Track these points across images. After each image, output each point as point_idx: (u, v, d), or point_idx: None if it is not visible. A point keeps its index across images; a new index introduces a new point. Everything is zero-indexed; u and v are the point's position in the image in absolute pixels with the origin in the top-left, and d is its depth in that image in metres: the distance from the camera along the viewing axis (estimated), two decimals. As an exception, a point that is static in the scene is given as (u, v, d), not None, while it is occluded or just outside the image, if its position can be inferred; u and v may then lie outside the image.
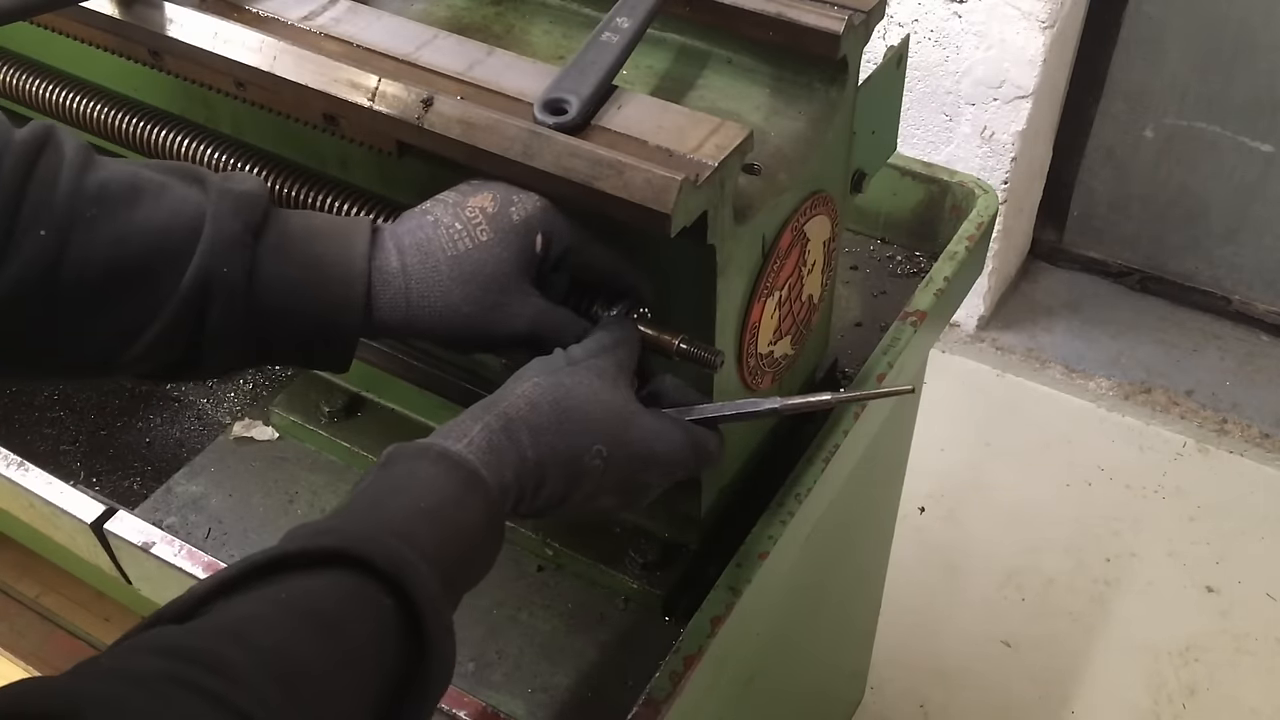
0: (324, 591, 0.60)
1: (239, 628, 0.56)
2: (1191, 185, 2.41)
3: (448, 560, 0.65)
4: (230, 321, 0.71)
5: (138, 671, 0.53)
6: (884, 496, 1.50)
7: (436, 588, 0.62)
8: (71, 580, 1.80)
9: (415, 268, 0.74)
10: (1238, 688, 1.94)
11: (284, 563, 0.61)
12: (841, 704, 1.83)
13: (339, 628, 0.59)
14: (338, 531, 0.63)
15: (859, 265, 1.26)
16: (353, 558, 0.61)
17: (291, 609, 0.58)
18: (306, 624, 0.58)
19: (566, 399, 0.72)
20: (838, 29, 0.82)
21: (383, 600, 0.60)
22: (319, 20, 0.86)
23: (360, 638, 0.59)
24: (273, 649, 0.56)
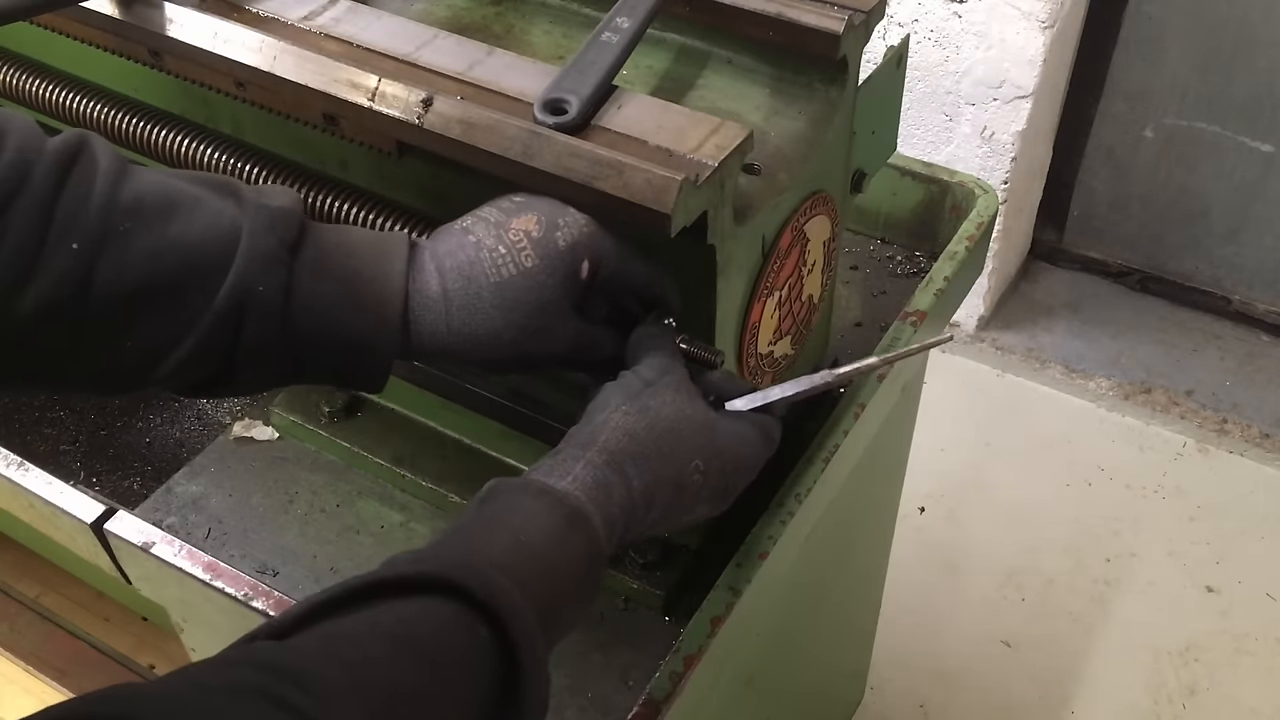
0: (419, 617, 0.59)
1: (333, 647, 0.56)
2: (1192, 185, 2.41)
3: (545, 596, 0.64)
4: (265, 339, 0.70)
5: (228, 683, 0.52)
6: (884, 496, 1.50)
7: (533, 620, 0.61)
8: (71, 580, 1.80)
9: (457, 293, 0.72)
10: (1238, 688, 1.94)
11: (381, 588, 0.60)
12: (841, 704, 1.83)
13: (433, 654, 0.58)
14: (436, 559, 0.62)
15: (859, 265, 1.26)
16: (449, 584, 0.60)
17: (386, 632, 0.58)
18: (400, 648, 0.57)
19: (659, 421, 0.72)
20: (838, 29, 0.82)
21: (478, 630, 0.59)
22: (319, 20, 0.86)
23: (455, 665, 0.59)
24: (365, 670, 0.55)
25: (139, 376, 0.71)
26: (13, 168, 0.65)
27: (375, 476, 1.06)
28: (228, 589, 0.92)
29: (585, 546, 0.67)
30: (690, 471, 0.72)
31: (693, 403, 0.74)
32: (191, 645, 1.15)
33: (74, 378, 0.72)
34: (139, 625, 1.80)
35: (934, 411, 1.66)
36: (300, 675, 0.53)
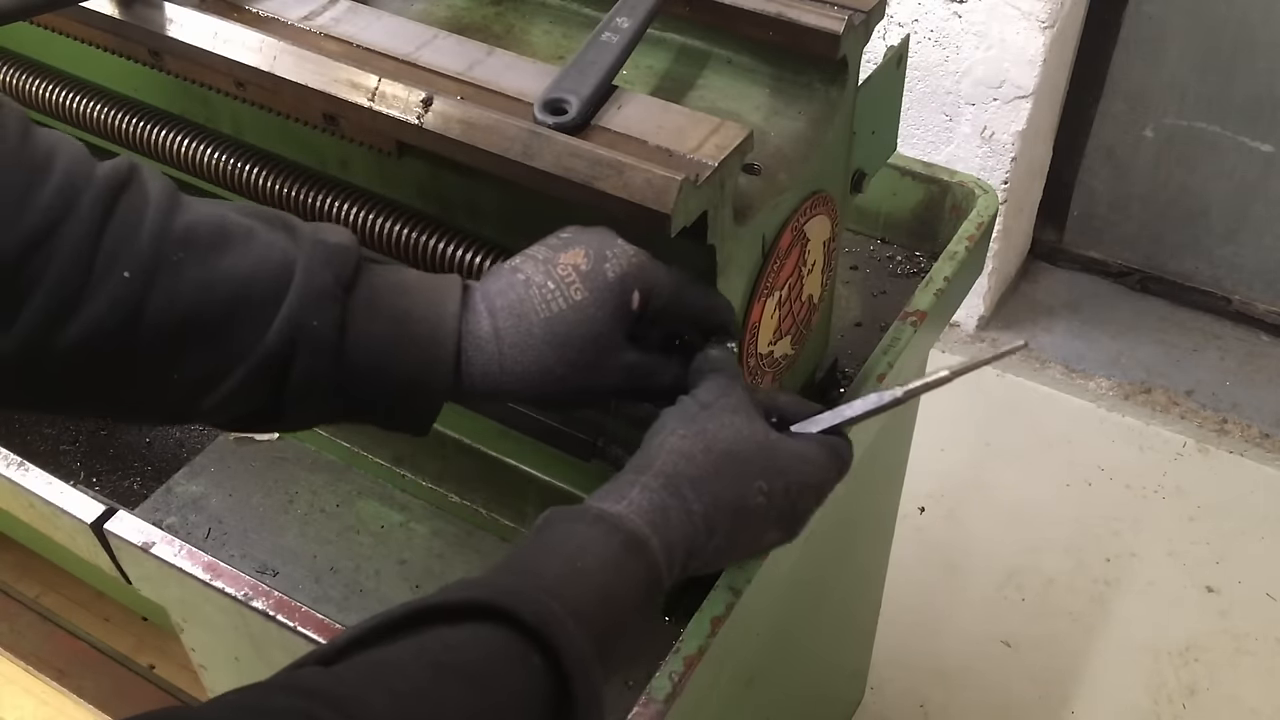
0: (468, 644, 0.58)
1: (378, 674, 0.55)
2: (1191, 185, 2.41)
3: (602, 624, 0.63)
4: (316, 375, 0.69)
5: (273, 708, 0.52)
6: (884, 496, 1.50)
7: (587, 649, 0.60)
8: (71, 580, 1.80)
9: (508, 331, 0.71)
10: (1238, 688, 1.94)
11: (430, 614, 0.59)
12: (841, 704, 1.83)
13: (482, 681, 0.57)
14: (488, 585, 0.61)
15: (859, 265, 1.26)
16: (500, 611, 0.59)
17: (433, 660, 0.57)
18: (446, 675, 0.56)
19: (716, 443, 0.70)
20: (838, 29, 0.82)
21: (530, 658, 0.58)
22: (319, 20, 0.86)
23: (504, 693, 0.58)
24: (410, 699, 0.54)
25: (186, 407, 0.70)
26: (60, 193, 0.64)
27: (375, 476, 1.06)
28: (228, 589, 0.92)
29: (645, 573, 0.65)
30: (753, 494, 0.70)
31: (752, 424, 0.72)
32: (191, 645, 1.15)
33: (120, 406, 0.71)
34: (139, 625, 1.80)
35: (934, 411, 1.65)
36: (343, 701, 0.52)
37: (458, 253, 0.84)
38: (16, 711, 1.73)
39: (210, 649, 1.15)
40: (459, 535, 1.02)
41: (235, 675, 1.19)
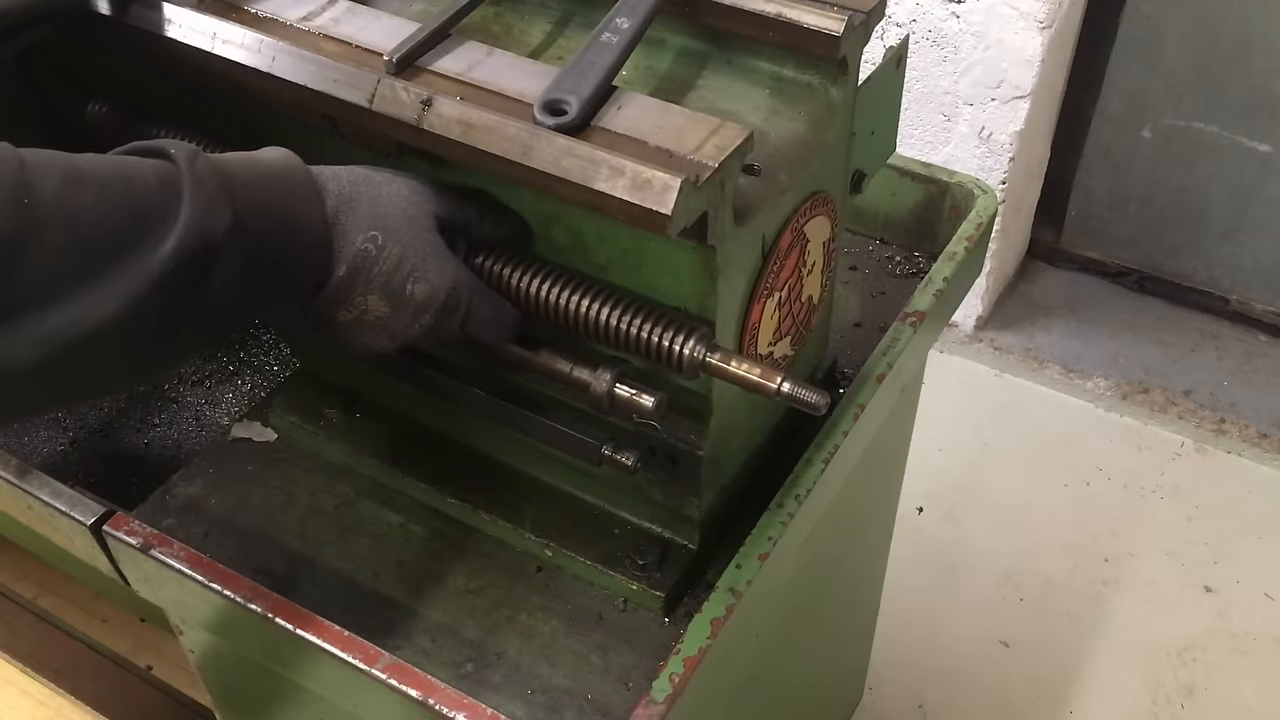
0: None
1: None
2: (1189, 185, 2.41)
3: (245, 172, 0.72)
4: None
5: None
6: (883, 497, 1.50)
7: (204, 161, 0.69)
8: (69, 581, 1.80)
9: None
10: (1236, 687, 1.94)
11: None
12: (840, 704, 1.83)
13: (123, 165, 0.68)
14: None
15: (858, 266, 1.26)
16: (159, 150, 0.70)
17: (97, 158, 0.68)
18: (101, 162, 0.68)
19: (384, 184, 0.79)
20: (838, 29, 0.82)
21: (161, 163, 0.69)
22: (318, 21, 0.86)
23: (129, 166, 0.68)
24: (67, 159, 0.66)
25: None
26: None
27: (374, 477, 1.06)
28: (226, 590, 0.91)
29: (303, 172, 0.75)
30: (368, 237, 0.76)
31: (422, 203, 0.79)
32: (191, 647, 1.15)
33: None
34: (137, 626, 1.79)
35: (932, 412, 1.66)
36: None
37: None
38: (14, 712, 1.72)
39: (210, 651, 1.15)
40: (458, 537, 1.02)
41: (234, 677, 1.19)
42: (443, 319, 0.80)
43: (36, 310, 0.64)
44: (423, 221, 0.79)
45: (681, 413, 0.88)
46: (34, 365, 0.65)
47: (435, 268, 0.78)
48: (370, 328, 0.79)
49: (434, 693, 0.84)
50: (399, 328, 0.79)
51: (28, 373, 0.65)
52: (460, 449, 1.04)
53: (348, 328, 0.79)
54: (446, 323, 0.80)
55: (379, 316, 0.78)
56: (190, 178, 0.68)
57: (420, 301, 0.78)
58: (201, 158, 0.70)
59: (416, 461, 1.04)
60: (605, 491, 0.99)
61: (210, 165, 0.70)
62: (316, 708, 1.08)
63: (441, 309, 0.79)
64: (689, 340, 0.80)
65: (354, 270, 0.76)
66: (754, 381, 0.80)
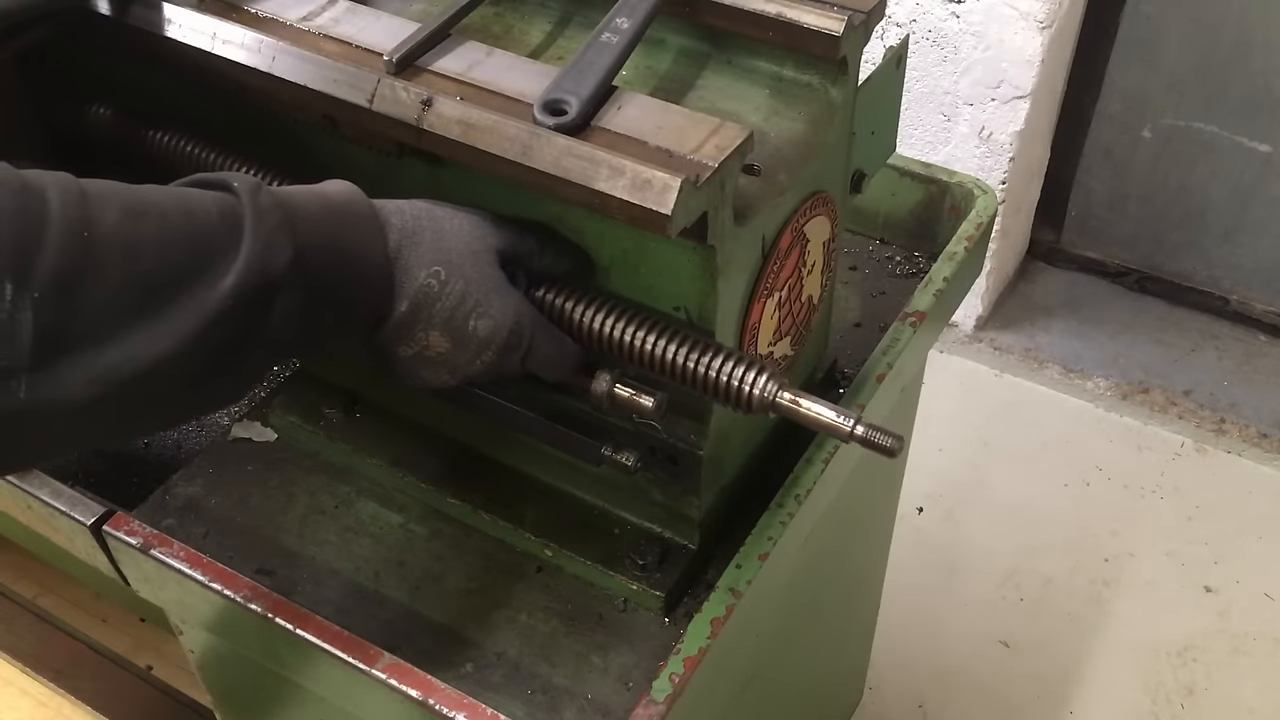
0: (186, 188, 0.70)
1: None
2: (1189, 185, 2.41)
3: (307, 206, 0.71)
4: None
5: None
6: (883, 497, 1.50)
7: (266, 196, 0.68)
8: (69, 581, 1.80)
9: None
10: (1236, 687, 1.94)
11: None
12: (840, 704, 1.83)
13: (182, 196, 0.67)
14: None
15: (858, 266, 1.26)
16: (221, 183, 0.69)
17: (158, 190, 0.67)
18: (162, 193, 0.67)
19: (449, 220, 0.79)
20: (838, 29, 0.82)
21: (223, 196, 0.68)
22: (318, 21, 0.86)
23: (193, 199, 0.67)
24: (130, 190, 0.65)
25: None
26: None
27: (374, 477, 1.06)
28: (226, 590, 0.91)
29: (366, 205, 0.74)
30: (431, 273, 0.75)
31: (484, 237, 0.78)
32: (191, 647, 1.15)
33: None
34: (137, 626, 1.79)
35: (932, 412, 1.66)
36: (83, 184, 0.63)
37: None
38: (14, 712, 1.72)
39: (210, 650, 1.15)
40: (458, 536, 1.02)
41: (234, 677, 1.19)
42: (505, 356, 0.79)
43: (93, 346, 0.62)
44: (485, 256, 0.78)
45: (681, 413, 0.88)
46: (89, 401, 0.63)
47: (498, 304, 0.77)
48: (431, 364, 0.77)
49: (434, 693, 0.84)
50: (460, 364, 0.78)
51: (82, 408, 0.63)
52: (460, 449, 1.04)
53: (408, 363, 0.78)
54: (508, 359, 0.79)
55: (440, 353, 0.77)
56: (252, 211, 0.67)
57: (483, 338, 0.77)
58: (264, 191, 0.69)
59: (416, 461, 1.04)
60: (605, 491, 0.99)
61: (273, 199, 0.69)
62: (316, 708, 1.08)
63: (504, 346, 0.78)
64: (759, 379, 0.79)
65: (416, 306, 0.75)
66: (826, 424, 0.79)
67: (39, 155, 1.00)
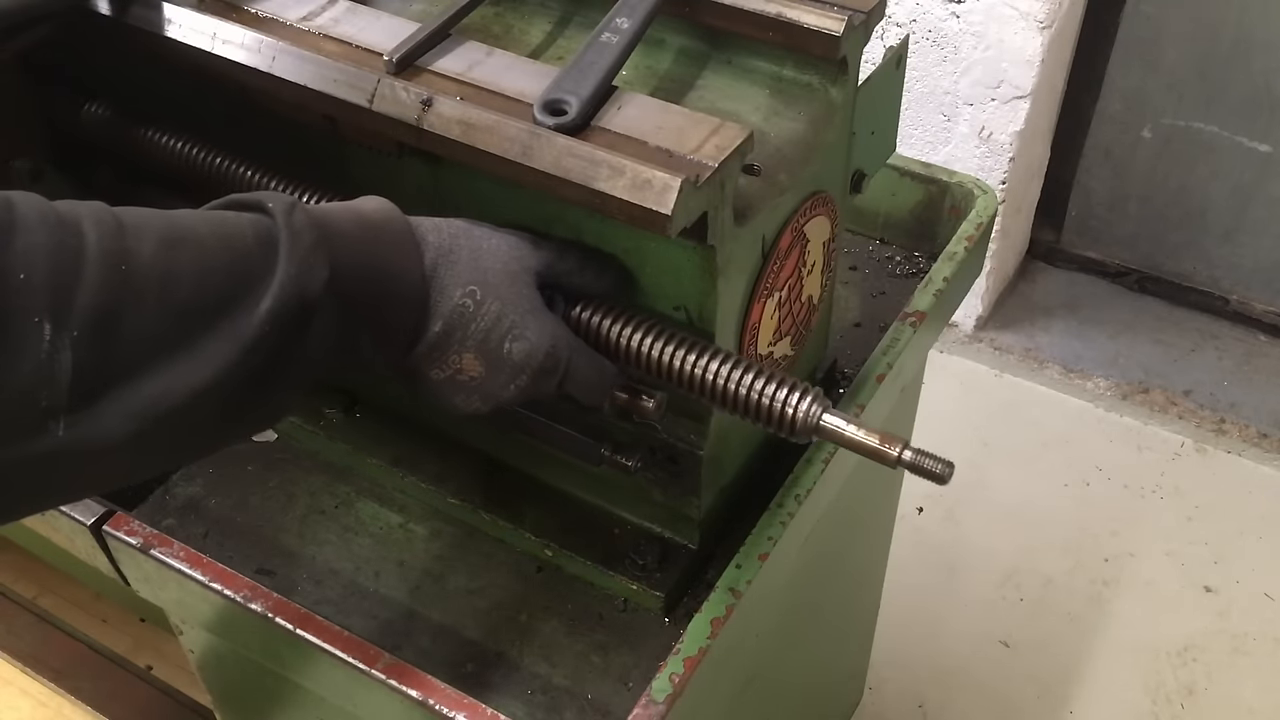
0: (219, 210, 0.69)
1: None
2: (1189, 185, 2.41)
3: (343, 225, 0.69)
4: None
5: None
6: (883, 497, 1.50)
7: (302, 214, 0.67)
8: (69, 581, 1.80)
9: None
10: (1236, 687, 1.94)
11: None
12: (840, 704, 1.83)
13: (217, 219, 0.66)
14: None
15: (858, 266, 1.26)
16: (255, 203, 0.68)
17: (191, 213, 0.67)
18: (198, 218, 0.66)
19: (486, 240, 0.77)
20: (838, 29, 0.82)
21: (259, 218, 0.67)
22: (318, 21, 0.86)
23: (229, 222, 0.66)
24: (165, 215, 0.64)
25: None
26: None
27: (374, 477, 1.06)
28: (226, 590, 0.91)
29: (402, 223, 0.73)
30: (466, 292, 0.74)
31: (521, 259, 0.77)
32: (191, 647, 1.15)
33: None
34: (136, 626, 1.79)
35: (932, 412, 1.66)
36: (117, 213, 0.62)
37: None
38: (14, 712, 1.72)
39: (209, 650, 1.15)
40: (458, 536, 1.02)
41: (234, 677, 1.19)
42: (540, 380, 0.77)
43: (131, 381, 0.61)
44: (523, 277, 0.76)
45: (681, 413, 0.88)
46: (126, 437, 0.61)
47: (535, 326, 0.75)
48: (464, 388, 0.76)
49: (434, 693, 0.84)
50: (493, 389, 0.76)
51: (120, 445, 0.61)
52: (460, 449, 1.04)
53: (440, 387, 0.76)
54: (544, 384, 0.77)
55: (473, 376, 0.75)
56: (287, 233, 0.66)
57: (518, 361, 0.75)
58: (298, 210, 0.67)
59: (416, 461, 1.04)
60: (605, 491, 0.99)
61: (308, 218, 0.67)
62: (316, 708, 1.08)
63: (539, 370, 0.76)
64: (802, 401, 0.77)
65: (450, 326, 0.73)
66: (871, 448, 0.77)
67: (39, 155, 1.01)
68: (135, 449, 0.62)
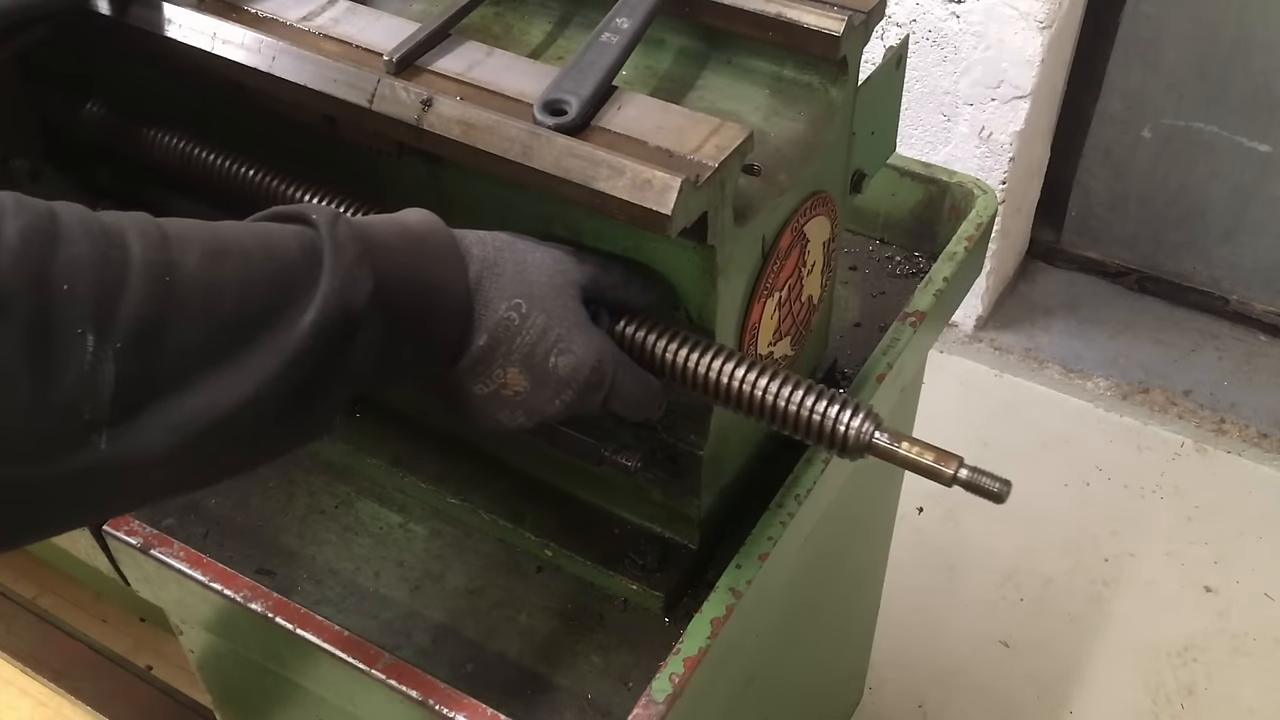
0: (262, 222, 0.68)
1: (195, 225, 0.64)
2: (1189, 185, 2.41)
3: (387, 238, 0.69)
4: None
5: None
6: (883, 497, 1.50)
7: (345, 227, 0.66)
8: (69, 581, 1.80)
9: None
10: (1236, 687, 1.94)
11: None
12: (840, 704, 1.83)
13: (260, 231, 0.66)
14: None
15: (858, 266, 1.26)
16: (299, 215, 0.68)
17: (234, 224, 0.66)
18: (241, 229, 0.65)
19: (532, 252, 0.77)
20: (838, 29, 0.82)
21: (303, 230, 0.67)
22: (318, 20, 0.86)
23: (273, 234, 0.66)
24: (207, 226, 0.63)
25: None
26: None
27: (374, 477, 1.06)
28: (226, 590, 0.91)
29: (447, 235, 0.72)
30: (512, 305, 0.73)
31: (565, 272, 0.76)
32: (191, 647, 1.15)
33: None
34: (137, 626, 1.79)
35: (932, 412, 1.66)
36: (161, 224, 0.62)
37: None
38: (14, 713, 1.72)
39: (209, 650, 1.15)
40: (458, 536, 1.02)
41: (234, 677, 1.19)
42: (585, 395, 0.76)
43: (174, 394, 0.60)
44: (569, 290, 0.75)
45: (681, 413, 0.88)
46: (168, 451, 0.60)
47: (581, 340, 0.74)
48: (507, 404, 0.75)
49: (434, 693, 0.84)
50: (538, 405, 0.75)
51: (161, 459, 0.60)
52: (460, 449, 1.04)
53: (483, 402, 0.75)
54: (589, 399, 0.76)
55: (517, 391, 0.74)
56: (331, 244, 0.65)
57: (563, 376, 0.74)
58: (342, 221, 0.67)
59: (416, 461, 1.04)
60: (605, 491, 0.99)
61: (351, 229, 0.66)
62: (316, 708, 1.08)
63: (585, 385, 0.75)
64: (854, 418, 0.76)
65: (495, 340, 0.72)
66: (926, 466, 0.76)
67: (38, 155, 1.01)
68: (175, 463, 0.61)
